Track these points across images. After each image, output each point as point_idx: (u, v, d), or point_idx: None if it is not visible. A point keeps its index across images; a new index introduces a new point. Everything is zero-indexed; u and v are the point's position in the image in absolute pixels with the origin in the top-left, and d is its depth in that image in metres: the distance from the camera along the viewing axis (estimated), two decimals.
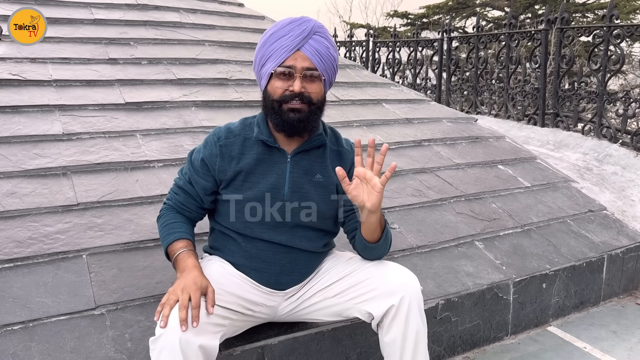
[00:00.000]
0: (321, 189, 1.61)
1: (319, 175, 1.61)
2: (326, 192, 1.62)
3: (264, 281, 1.60)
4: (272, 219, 1.58)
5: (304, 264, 1.64)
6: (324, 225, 1.65)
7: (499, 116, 4.96)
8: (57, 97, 2.70)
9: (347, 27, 16.91)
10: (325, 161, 1.63)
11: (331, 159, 1.64)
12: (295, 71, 1.49)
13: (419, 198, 2.61)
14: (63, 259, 1.86)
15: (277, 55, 1.49)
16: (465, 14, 16.26)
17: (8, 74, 2.78)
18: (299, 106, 1.49)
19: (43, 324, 1.62)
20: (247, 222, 1.58)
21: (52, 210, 2.04)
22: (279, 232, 1.59)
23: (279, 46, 1.49)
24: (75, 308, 1.69)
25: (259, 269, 1.60)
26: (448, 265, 2.24)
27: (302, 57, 1.49)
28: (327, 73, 1.54)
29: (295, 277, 1.64)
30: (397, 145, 3.07)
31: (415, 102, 3.76)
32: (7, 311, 1.63)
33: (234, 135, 1.60)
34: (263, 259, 1.60)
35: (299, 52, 1.49)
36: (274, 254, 1.60)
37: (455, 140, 3.29)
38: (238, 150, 1.58)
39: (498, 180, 2.95)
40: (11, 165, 2.20)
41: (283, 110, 1.50)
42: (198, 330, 1.32)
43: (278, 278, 1.61)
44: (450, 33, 5.44)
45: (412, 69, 5.99)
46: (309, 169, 1.61)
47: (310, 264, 1.66)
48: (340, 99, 3.49)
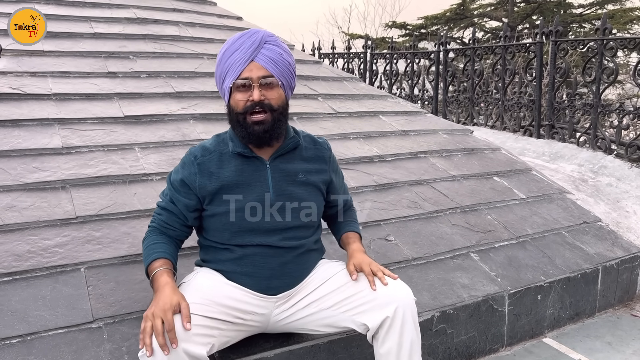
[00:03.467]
0: (306, 187, 1.68)
1: (300, 175, 1.68)
2: (311, 190, 1.69)
3: (254, 286, 1.62)
4: (265, 224, 1.62)
5: (294, 265, 1.66)
6: (313, 222, 1.72)
7: (495, 127, 5.00)
8: (57, 111, 2.73)
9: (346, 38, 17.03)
10: (303, 161, 1.70)
11: (311, 158, 1.72)
12: (252, 81, 1.54)
13: (415, 210, 2.64)
14: (61, 273, 1.87)
15: (234, 70, 1.55)
16: (463, 24, 16.38)
17: (8, 87, 2.81)
18: (262, 118, 1.56)
19: (41, 338, 1.63)
20: (238, 232, 1.61)
21: (51, 224, 2.06)
22: (269, 234, 1.63)
23: (234, 60, 1.55)
24: (73, 321, 1.70)
25: (249, 273, 1.62)
26: (443, 277, 2.25)
27: (257, 67, 1.55)
28: (284, 78, 1.59)
29: (286, 281, 1.65)
30: (394, 157, 3.10)
31: (411, 114, 3.80)
32: (5, 325, 1.64)
33: (210, 152, 1.65)
34: (253, 263, 1.62)
35: (254, 63, 1.55)
36: (263, 257, 1.62)
37: (451, 152, 3.32)
38: (215, 165, 1.63)
39: (493, 191, 2.97)
40: (10, 179, 2.22)
41: (248, 123, 1.57)
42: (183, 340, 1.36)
43: (269, 282, 1.62)
44: (446, 45, 5.49)
45: (409, 80, 6.04)
46: (290, 171, 1.67)
47: (300, 265, 1.68)
48: (337, 111, 3.52)
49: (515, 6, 15.40)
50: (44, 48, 3.28)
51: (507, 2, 15.41)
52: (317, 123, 3.33)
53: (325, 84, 3.95)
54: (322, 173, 1.74)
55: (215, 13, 4.65)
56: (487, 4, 16.18)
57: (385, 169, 2.95)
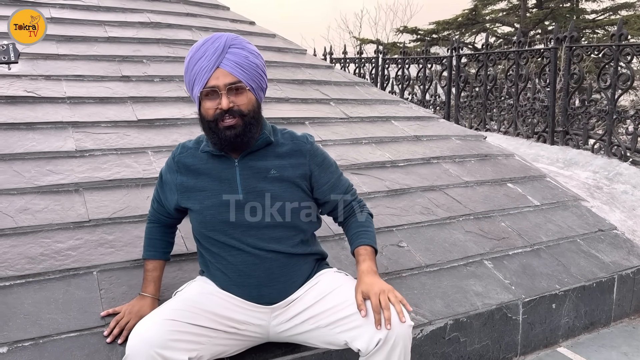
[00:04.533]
0: (278, 183, 1.63)
1: (273, 170, 1.63)
2: (286, 186, 1.63)
3: (246, 295, 1.61)
4: (238, 223, 1.61)
5: (280, 271, 1.61)
6: (292, 221, 1.64)
7: (508, 133, 4.96)
8: (71, 114, 2.75)
9: (357, 43, 17.04)
10: (277, 157, 1.65)
11: (286, 153, 1.66)
12: (219, 89, 1.52)
13: (428, 216, 2.62)
14: (74, 276, 1.88)
15: (200, 78, 1.53)
16: (475, 29, 16.33)
17: (23, 91, 2.83)
18: (232, 122, 1.53)
19: (53, 341, 1.63)
20: (213, 230, 1.62)
21: (64, 227, 2.06)
22: (246, 235, 1.60)
23: (199, 69, 1.53)
24: (85, 325, 1.70)
25: (238, 283, 1.61)
26: (457, 285, 2.23)
27: (223, 73, 1.52)
28: (253, 81, 1.55)
29: (277, 288, 1.61)
30: (406, 162, 3.08)
31: (424, 119, 3.78)
32: (18, 327, 1.65)
33: (187, 149, 1.70)
34: (239, 272, 1.61)
35: (219, 70, 1.52)
36: (246, 265, 1.60)
37: (464, 158, 3.29)
38: (190, 162, 1.67)
39: (507, 198, 2.94)
40: (25, 182, 2.24)
41: (220, 128, 1.55)
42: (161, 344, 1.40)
43: (259, 290, 1.61)
44: (459, 50, 5.47)
45: (421, 85, 6.02)
46: (261, 168, 1.63)
47: (288, 271, 1.63)
48: (349, 116, 3.51)
49: (527, 12, 15.34)
50: (58, 52, 3.30)
51: (520, 7, 15.35)
52: (329, 128, 3.32)
53: (337, 89, 3.94)
54: (299, 167, 1.66)
55: (228, 18, 4.66)
56: (499, 10, 16.13)
57: (398, 175, 2.93)
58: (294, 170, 1.65)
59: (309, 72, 4.10)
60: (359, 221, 1.76)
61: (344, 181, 1.79)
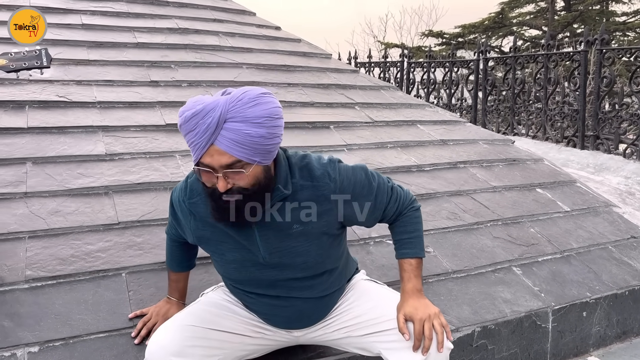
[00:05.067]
0: (304, 237, 1.42)
1: (295, 225, 1.41)
2: (312, 238, 1.43)
3: (272, 324, 1.56)
4: (263, 280, 1.48)
5: (312, 310, 1.54)
6: (322, 267, 1.49)
7: (537, 138, 4.88)
8: (101, 119, 2.80)
9: (382, 47, 17.01)
10: (298, 208, 1.41)
11: (307, 199, 1.41)
12: (215, 170, 1.27)
13: (455, 221, 2.58)
14: (103, 277, 1.91)
15: (193, 150, 1.28)
16: (502, 33, 16.16)
17: (55, 95, 2.90)
18: (234, 199, 1.30)
19: (83, 341, 1.66)
20: (236, 280, 1.53)
21: (94, 229, 2.10)
22: (272, 287, 1.49)
23: (190, 141, 1.27)
24: (114, 326, 1.72)
25: (266, 317, 1.55)
26: (485, 291, 2.19)
27: (218, 152, 1.25)
28: (258, 154, 1.27)
29: (309, 321, 1.56)
30: (432, 167, 3.05)
31: (450, 123, 3.74)
32: (49, 327, 1.68)
33: (197, 194, 1.45)
34: (265, 313, 1.54)
35: (214, 147, 1.25)
36: (273, 308, 1.52)
37: (492, 163, 3.25)
38: (203, 212, 1.43)
39: (536, 204, 2.89)
40: (56, 185, 2.28)
41: (218, 198, 1.31)
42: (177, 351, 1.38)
43: (288, 324, 1.56)
44: (486, 54, 5.41)
45: (447, 89, 5.97)
46: (282, 225, 1.40)
47: (322, 307, 1.56)
48: (374, 120, 3.50)
49: (555, 14, 15.11)
50: (89, 57, 3.37)
51: (547, 10, 15.13)
52: (354, 132, 3.31)
53: (362, 93, 3.93)
54: (326, 215, 1.43)
55: (254, 23, 4.70)
56: (527, 13, 15.94)
57: (424, 179, 2.91)
58: (319, 219, 1.42)
59: (334, 76, 4.10)
60: (402, 224, 1.56)
61: (380, 195, 1.51)
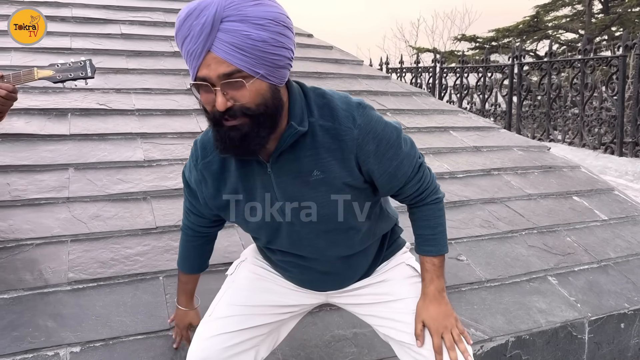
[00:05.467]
0: (325, 187, 1.25)
1: (316, 172, 1.23)
2: (335, 189, 1.26)
3: (299, 285, 1.48)
4: (283, 234, 1.35)
5: (339, 269, 1.43)
6: (346, 223, 1.32)
7: (573, 144, 4.78)
8: (139, 126, 2.88)
9: (413, 52, 16.93)
10: (318, 151, 1.22)
11: (331, 145, 1.22)
12: (212, 82, 1.09)
13: (488, 229, 2.56)
14: (141, 280, 1.96)
15: (190, 64, 1.13)
16: (537, 37, 15.88)
17: (96, 103, 3.00)
18: (236, 123, 1.12)
19: (122, 342, 1.71)
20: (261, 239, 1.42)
21: (133, 233, 2.16)
22: (296, 245, 1.37)
23: (186, 52, 1.11)
24: (151, 328, 1.77)
25: (292, 276, 1.47)
26: (519, 301, 2.17)
27: (215, 60, 1.08)
28: (262, 65, 1.09)
29: (336, 281, 1.45)
30: (465, 174, 3.03)
31: (484, 129, 3.71)
32: (90, 328, 1.74)
33: (209, 152, 1.31)
34: (292, 272, 1.46)
35: (211, 55, 1.08)
36: (298, 267, 1.43)
37: (527, 170, 3.20)
38: (216, 168, 1.31)
39: (573, 212, 2.84)
40: (97, 190, 2.36)
41: (223, 128, 1.14)
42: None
43: (313, 285, 1.46)
44: (521, 59, 5.33)
45: (480, 94, 5.91)
46: (300, 170, 1.24)
47: (349, 267, 1.43)
48: (406, 127, 3.49)
49: (592, 17, 14.77)
50: (128, 66, 3.47)
51: (584, 13, 14.80)
52: None
53: (394, 99, 3.93)
54: (347, 163, 1.23)
55: None
56: (562, 16, 15.61)
57: (457, 186, 2.89)
58: (340, 168, 1.23)
59: (365, 82, 4.12)
60: (425, 217, 1.40)
61: (406, 165, 1.30)
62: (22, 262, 1.95)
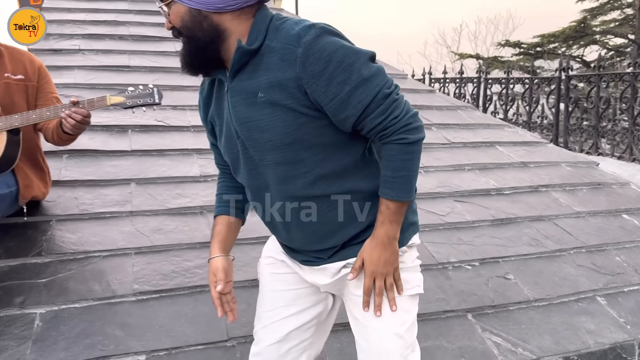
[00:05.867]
0: (269, 109, 1.20)
1: (260, 93, 1.20)
2: (278, 112, 1.20)
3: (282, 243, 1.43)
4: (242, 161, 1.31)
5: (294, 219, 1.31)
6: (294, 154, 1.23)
7: (622, 158, 4.69)
8: (195, 142, 3.02)
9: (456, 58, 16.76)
10: (267, 71, 1.20)
11: (277, 65, 1.18)
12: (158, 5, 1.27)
13: (536, 248, 2.57)
14: (200, 292, 2.07)
15: None
16: (583, 42, 15.47)
17: (154, 120, 3.16)
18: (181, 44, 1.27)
19: (184, 352, 1.82)
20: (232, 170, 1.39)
21: (192, 246, 2.28)
22: (253, 176, 1.31)
23: None
24: (210, 339, 1.88)
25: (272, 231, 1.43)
26: (567, 321, 2.17)
27: None
28: None
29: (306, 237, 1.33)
30: (512, 190, 3.04)
31: (531, 144, 3.69)
32: (154, 338, 1.85)
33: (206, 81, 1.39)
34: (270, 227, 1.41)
35: None
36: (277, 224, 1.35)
37: (575, 186, 3.18)
38: (206, 94, 1.38)
39: (622, 231, 2.81)
40: (157, 204, 2.50)
41: None
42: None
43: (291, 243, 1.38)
44: (568, 71, 5.26)
45: (526, 106, 5.85)
46: (249, 89, 1.22)
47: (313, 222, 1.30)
48: (451, 142, 3.52)
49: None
50: (182, 83, 3.62)
51: (634, 17, 14.33)
52: (431, 154, 3.35)
53: (439, 113, 3.96)
54: (286, 86, 1.18)
55: None
56: (611, 20, 15.14)
57: (503, 203, 2.90)
58: (280, 89, 1.18)
59: (410, 97, 4.15)
60: (387, 154, 1.24)
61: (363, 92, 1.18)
62: (90, 273, 2.10)
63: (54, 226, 2.30)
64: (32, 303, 1.93)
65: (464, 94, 7.02)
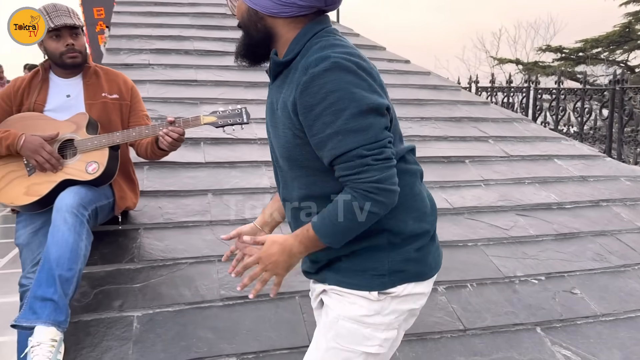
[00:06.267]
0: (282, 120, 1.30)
1: (277, 106, 1.33)
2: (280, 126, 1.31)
3: None
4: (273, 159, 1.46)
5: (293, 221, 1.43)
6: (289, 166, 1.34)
7: None
8: (262, 154, 3.17)
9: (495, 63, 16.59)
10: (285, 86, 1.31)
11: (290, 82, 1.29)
12: None
13: (601, 263, 2.61)
14: (281, 299, 2.20)
15: None
16: (628, 47, 15.11)
17: (224, 133, 3.31)
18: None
19: (270, 356, 1.95)
20: None
21: None
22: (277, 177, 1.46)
23: None
24: (294, 344, 2.00)
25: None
26: (635, 337, 2.21)
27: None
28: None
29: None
30: (573, 204, 3.08)
31: (588, 157, 3.71)
32: (242, 341, 1.99)
33: None
34: None
35: None
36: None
37: (636, 201, 3.19)
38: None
39: None
40: (233, 214, 2.65)
41: None
42: None
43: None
44: (622, 83, 5.22)
45: (578, 117, 5.81)
46: (274, 99, 1.36)
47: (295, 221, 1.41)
48: (509, 155, 3.57)
49: None
50: (247, 97, 3.79)
51: None
52: (490, 167, 3.41)
53: (495, 126, 4.01)
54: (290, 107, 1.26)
55: (385, 58, 4.93)
56: None
57: (565, 217, 2.95)
58: (283, 108, 1.29)
59: (465, 109, 4.22)
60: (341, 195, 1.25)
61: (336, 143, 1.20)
62: (180, 279, 2.26)
63: (142, 234, 2.48)
64: (130, 307, 2.10)
65: (513, 104, 7.00)
